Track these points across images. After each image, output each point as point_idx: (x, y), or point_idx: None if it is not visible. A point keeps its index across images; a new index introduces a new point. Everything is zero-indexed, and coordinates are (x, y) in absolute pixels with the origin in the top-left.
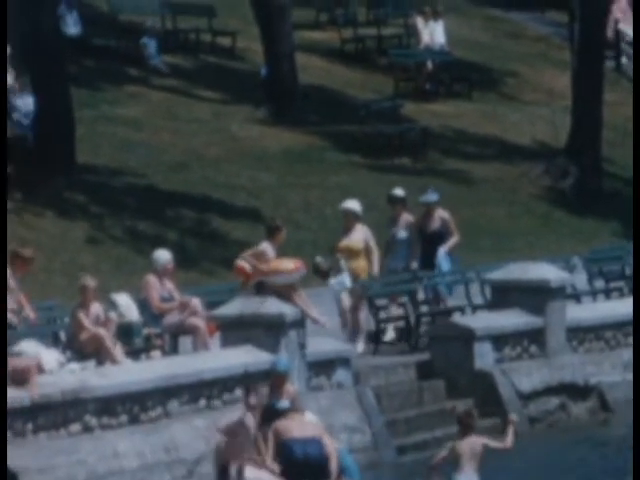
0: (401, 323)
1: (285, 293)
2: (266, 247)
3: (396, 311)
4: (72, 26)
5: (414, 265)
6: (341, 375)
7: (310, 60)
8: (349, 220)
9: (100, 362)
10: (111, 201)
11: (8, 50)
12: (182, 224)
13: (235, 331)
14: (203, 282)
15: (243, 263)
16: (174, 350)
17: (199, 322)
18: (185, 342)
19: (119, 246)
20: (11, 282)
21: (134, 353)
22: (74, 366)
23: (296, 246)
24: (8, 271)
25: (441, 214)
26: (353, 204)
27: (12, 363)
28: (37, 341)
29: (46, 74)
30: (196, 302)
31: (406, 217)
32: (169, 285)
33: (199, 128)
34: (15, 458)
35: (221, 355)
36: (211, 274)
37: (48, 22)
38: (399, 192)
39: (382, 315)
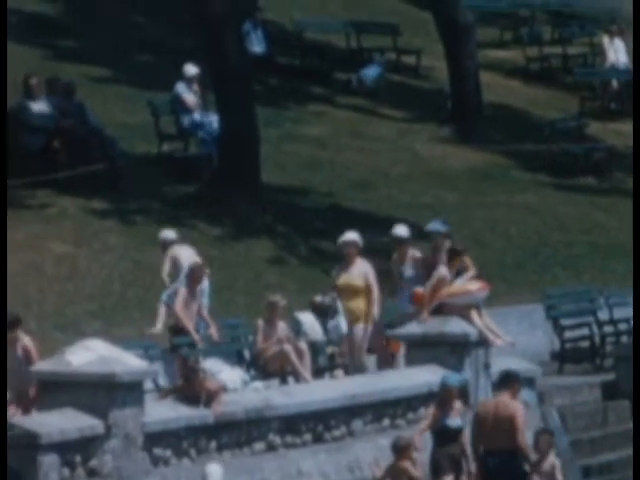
0: (585, 343)
1: (465, 313)
2: (443, 272)
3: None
4: (257, 45)
5: None
6: (526, 395)
7: (494, 79)
8: (350, 253)
9: (284, 380)
10: (296, 220)
11: (196, 70)
12: (366, 243)
13: (419, 350)
14: (385, 301)
15: (421, 290)
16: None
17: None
18: (369, 361)
19: (303, 265)
20: (189, 299)
21: (318, 372)
22: (258, 384)
23: (481, 266)
24: (186, 291)
25: None
26: (354, 235)
27: (204, 383)
28: (221, 359)
29: (231, 93)
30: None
31: (412, 253)
32: None
33: (383, 147)
34: (199, 477)
35: (405, 374)
36: (392, 293)
37: (233, 41)
38: (402, 231)
39: (567, 335)
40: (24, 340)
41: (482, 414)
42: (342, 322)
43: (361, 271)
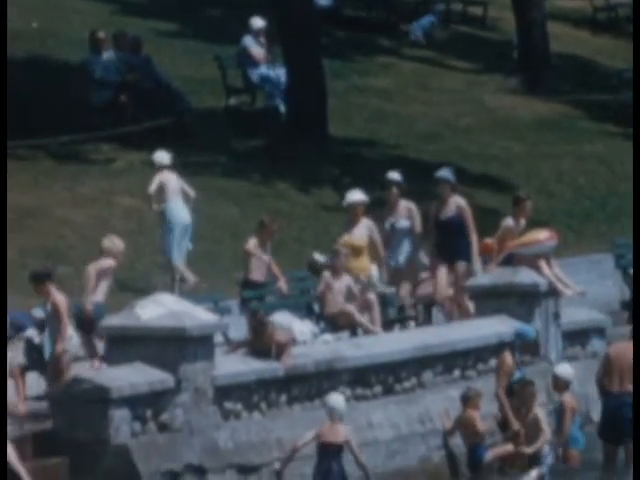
0: None
1: (534, 263)
2: (509, 223)
3: None
4: None
5: (422, 257)
6: (596, 345)
7: (561, 29)
8: (357, 213)
9: (354, 332)
10: (362, 172)
11: (263, 23)
12: (432, 195)
13: (488, 301)
14: None
15: (490, 240)
16: (428, 320)
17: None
18: (439, 312)
19: (371, 217)
20: (260, 252)
21: (388, 324)
22: (328, 337)
23: (549, 216)
24: (255, 241)
25: (457, 201)
26: (360, 196)
27: (274, 335)
28: (290, 312)
29: (298, 46)
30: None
31: (405, 204)
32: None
33: (451, 98)
34: (269, 430)
35: (475, 325)
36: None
37: None
38: (394, 175)
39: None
40: (55, 297)
41: (613, 356)
42: None
43: (363, 232)
